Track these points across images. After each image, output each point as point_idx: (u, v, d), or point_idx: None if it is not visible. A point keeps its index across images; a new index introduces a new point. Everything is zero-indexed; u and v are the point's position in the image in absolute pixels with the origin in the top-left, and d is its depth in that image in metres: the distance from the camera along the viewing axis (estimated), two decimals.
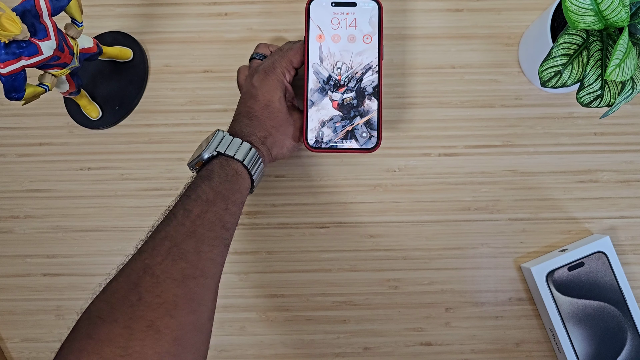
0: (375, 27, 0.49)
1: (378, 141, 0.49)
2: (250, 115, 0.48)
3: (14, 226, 0.58)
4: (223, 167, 0.44)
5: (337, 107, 0.49)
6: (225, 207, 0.42)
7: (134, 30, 0.58)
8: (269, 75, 0.49)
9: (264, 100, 0.48)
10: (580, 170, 0.56)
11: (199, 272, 0.39)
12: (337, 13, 0.49)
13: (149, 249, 0.38)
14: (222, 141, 0.46)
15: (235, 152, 0.45)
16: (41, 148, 0.58)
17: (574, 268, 0.52)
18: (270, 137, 0.48)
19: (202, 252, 0.39)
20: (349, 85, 0.49)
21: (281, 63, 0.49)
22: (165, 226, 0.40)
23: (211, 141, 0.46)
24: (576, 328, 0.52)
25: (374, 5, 0.49)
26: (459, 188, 0.56)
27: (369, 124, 0.49)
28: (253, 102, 0.48)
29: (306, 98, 0.49)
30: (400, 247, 0.56)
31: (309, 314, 0.56)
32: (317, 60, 0.49)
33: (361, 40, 0.49)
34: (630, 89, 0.43)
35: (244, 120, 0.48)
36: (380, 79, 0.49)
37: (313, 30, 0.49)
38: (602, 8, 0.40)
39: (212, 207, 0.42)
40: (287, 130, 0.49)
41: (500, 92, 0.57)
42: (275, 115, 0.48)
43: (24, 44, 0.41)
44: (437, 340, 0.56)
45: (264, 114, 0.48)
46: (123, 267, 0.38)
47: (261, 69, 0.50)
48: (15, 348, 0.57)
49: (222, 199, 0.42)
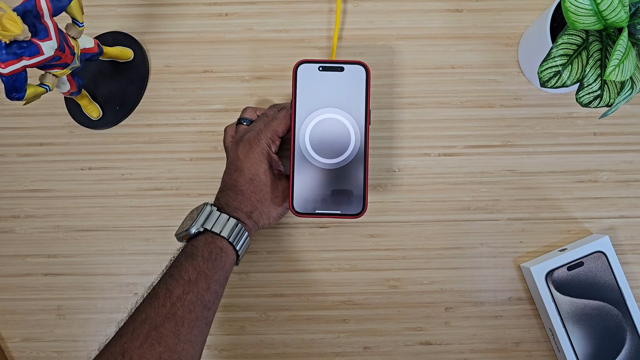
0: (363, 92, 0.48)
1: (363, 207, 0.48)
2: (236, 189, 0.48)
3: (15, 226, 0.58)
4: (208, 245, 0.45)
5: (323, 173, 0.49)
6: (207, 287, 0.43)
7: (134, 30, 0.59)
8: (253, 147, 0.49)
9: (249, 174, 0.48)
10: (580, 170, 0.56)
11: (177, 355, 0.40)
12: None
13: (129, 332, 0.40)
14: (209, 217, 0.46)
15: (222, 229, 0.46)
16: (42, 148, 0.58)
17: (574, 268, 0.52)
18: (256, 211, 0.49)
19: (180, 334, 0.41)
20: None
21: (266, 134, 0.49)
22: (147, 306, 0.41)
23: (199, 216, 0.46)
24: (575, 328, 0.52)
25: (361, 69, 0.48)
26: (458, 188, 0.56)
27: (355, 189, 0.49)
28: (238, 175, 0.49)
29: (292, 164, 0.48)
30: (400, 246, 0.56)
31: (309, 313, 0.56)
32: None
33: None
34: (630, 89, 0.43)
35: (230, 193, 0.49)
36: (366, 145, 0.48)
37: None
38: (602, 8, 0.40)
39: (194, 287, 0.42)
40: (274, 201, 0.49)
41: (500, 92, 0.57)
42: (261, 189, 0.49)
43: (25, 44, 0.41)
44: (437, 340, 0.56)
45: (250, 188, 0.48)
46: (103, 348, 0.40)
47: (246, 139, 0.49)
48: (16, 347, 0.57)
49: (204, 278, 0.43)
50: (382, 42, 0.57)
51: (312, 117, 0.48)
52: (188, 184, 0.57)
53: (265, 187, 0.49)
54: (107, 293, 0.57)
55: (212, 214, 0.47)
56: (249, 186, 0.48)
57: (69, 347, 0.57)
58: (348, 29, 0.58)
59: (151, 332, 0.39)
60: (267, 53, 0.58)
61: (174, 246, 0.56)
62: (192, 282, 0.42)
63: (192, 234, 0.46)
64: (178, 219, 0.57)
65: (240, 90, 0.58)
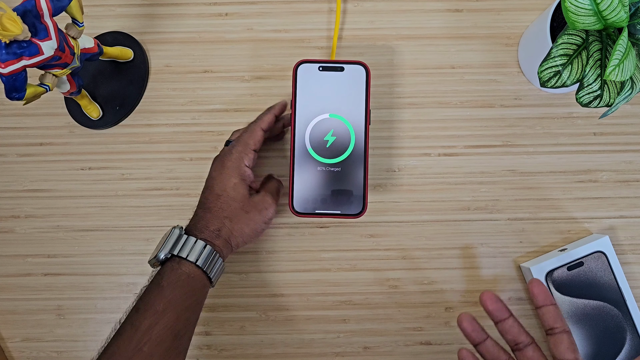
0: (363, 92, 0.48)
1: (363, 207, 0.48)
2: (204, 207, 0.47)
3: (15, 226, 0.58)
4: (174, 271, 0.43)
5: (323, 173, 0.48)
6: (177, 316, 0.41)
7: (134, 30, 0.59)
8: (224, 163, 0.48)
9: (217, 190, 0.47)
10: (580, 170, 0.56)
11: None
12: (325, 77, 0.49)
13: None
14: (177, 241, 0.44)
15: (188, 253, 0.44)
16: (42, 148, 0.58)
17: (574, 268, 0.52)
18: (225, 229, 0.46)
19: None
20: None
21: (237, 148, 0.48)
22: (112, 345, 0.40)
23: (166, 240, 0.45)
24: (575, 327, 0.52)
25: (361, 69, 0.48)
26: (458, 188, 0.56)
27: (355, 189, 0.48)
28: (208, 193, 0.48)
29: (292, 164, 0.48)
30: (400, 246, 0.56)
31: (309, 313, 0.56)
32: None
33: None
34: (630, 89, 0.43)
35: (199, 212, 0.47)
36: (366, 145, 0.48)
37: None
38: (602, 8, 0.40)
39: (162, 319, 0.40)
40: (245, 217, 0.47)
41: (500, 92, 0.57)
42: (229, 205, 0.47)
43: (25, 44, 0.41)
44: (437, 340, 0.56)
45: (217, 204, 0.47)
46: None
47: (219, 156, 0.49)
48: (16, 347, 0.57)
49: (172, 308, 0.41)
50: (382, 42, 0.57)
51: (312, 117, 0.48)
52: (188, 184, 0.57)
53: (233, 202, 0.47)
54: (107, 293, 0.57)
55: (180, 237, 0.45)
56: (216, 202, 0.47)
57: (69, 347, 0.57)
58: (348, 29, 0.58)
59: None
60: (267, 53, 0.58)
61: None
62: (159, 313, 0.40)
63: (160, 259, 0.44)
64: (178, 219, 0.57)
65: (240, 90, 0.58)
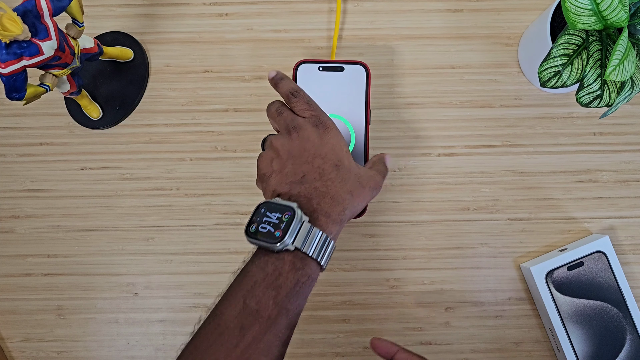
0: (363, 92, 0.48)
1: (364, 207, 0.46)
2: (325, 178, 0.40)
3: (15, 226, 0.58)
4: (295, 272, 0.36)
5: None
6: (288, 323, 0.36)
7: (134, 30, 0.59)
8: (327, 125, 0.41)
9: (334, 159, 0.41)
10: (580, 170, 0.56)
11: None
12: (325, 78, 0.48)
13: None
14: (300, 230, 0.36)
15: (313, 249, 0.36)
16: (42, 148, 0.58)
17: (574, 268, 0.52)
18: (348, 209, 0.39)
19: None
20: None
21: (323, 114, 0.42)
22: (216, 344, 0.34)
23: (291, 227, 0.36)
24: (575, 328, 0.52)
25: (361, 69, 0.48)
26: (458, 188, 0.56)
27: None
28: (321, 162, 0.40)
29: None
30: (400, 246, 0.56)
31: (309, 313, 0.56)
32: None
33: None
34: (630, 89, 0.43)
35: (319, 186, 0.39)
36: (367, 145, 0.47)
37: None
38: (602, 8, 0.40)
39: (274, 327, 0.35)
40: (362, 192, 0.41)
41: (500, 92, 0.57)
42: (349, 177, 0.40)
43: (25, 44, 0.41)
44: (437, 340, 0.56)
45: (339, 176, 0.40)
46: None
47: (308, 121, 0.41)
48: (16, 348, 0.57)
49: (285, 314, 0.35)
50: (382, 42, 0.57)
51: None
52: (188, 184, 0.57)
53: (350, 174, 0.40)
54: (107, 293, 0.57)
55: (302, 226, 0.36)
56: (337, 174, 0.39)
57: (69, 347, 0.57)
58: (348, 28, 0.58)
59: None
60: (267, 53, 0.58)
61: (174, 246, 0.56)
62: (272, 320, 0.35)
63: (277, 249, 0.36)
64: (178, 219, 0.57)
65: (240, 90, 0.58)
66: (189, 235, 0.57)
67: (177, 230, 0.57)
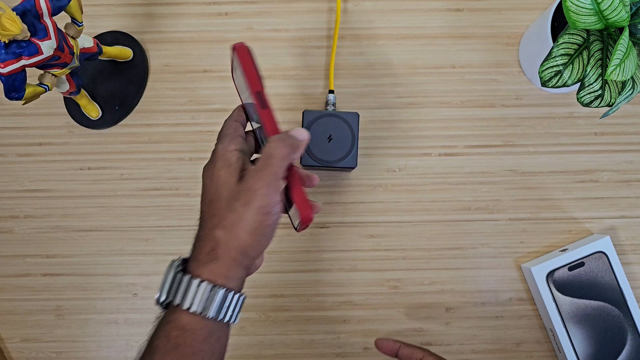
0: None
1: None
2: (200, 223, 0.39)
3: (14, 226, 0.57)
4: (164, 327, 0.35)
5: None
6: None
7: (134, 30, 0.58)
8: (212, 161, 0.39)
9: (209, 195, 0.39)
10: (581, 170, 0.56)
11: None
12: None
13: None
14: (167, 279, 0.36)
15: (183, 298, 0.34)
16: (41, 148, 0.58)
17: (574, 268, 0.52)
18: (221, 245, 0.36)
19: None
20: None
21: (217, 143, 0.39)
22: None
23: (163, 280, 0.35)
24: (576, 328, 0.52)
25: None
26: (459, 188, 0.56)
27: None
28: (202, 205, 0.39)
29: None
30: (401, 247, 0.56)
31: (309, 314, 0.56)
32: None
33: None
34: (631, 88, 0.43)
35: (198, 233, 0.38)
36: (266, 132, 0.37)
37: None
38: (603, 8, 0.40)
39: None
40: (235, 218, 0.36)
41: (501, 92, 0.57)
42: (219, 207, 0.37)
43: (24, 44, 0.41)
44: (438, 340, 0.56)
45: (209, 212, 0.38)
46: None
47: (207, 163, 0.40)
48: (15, 348, 0.57)
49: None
50: (382, 42, 0.57)
51: None
52: (188, 184, 0.57)
53: (221, 201, 0.37)
54: (107, 293, 0.57)
55: (168, 275, 0.35)
56: (208, 211, 0.37)
57: (68, 347, 0.56)
58: (348, 28, 0.58)
59: None
60: (267, 52, 0.58)
61: (173, 246, 0.56)
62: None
63: (161, 303, 0.35)
64: (178, 219, 0.56)
65: None
66: (189, 236, 0.56)
67: (177, 231, 0.57)
